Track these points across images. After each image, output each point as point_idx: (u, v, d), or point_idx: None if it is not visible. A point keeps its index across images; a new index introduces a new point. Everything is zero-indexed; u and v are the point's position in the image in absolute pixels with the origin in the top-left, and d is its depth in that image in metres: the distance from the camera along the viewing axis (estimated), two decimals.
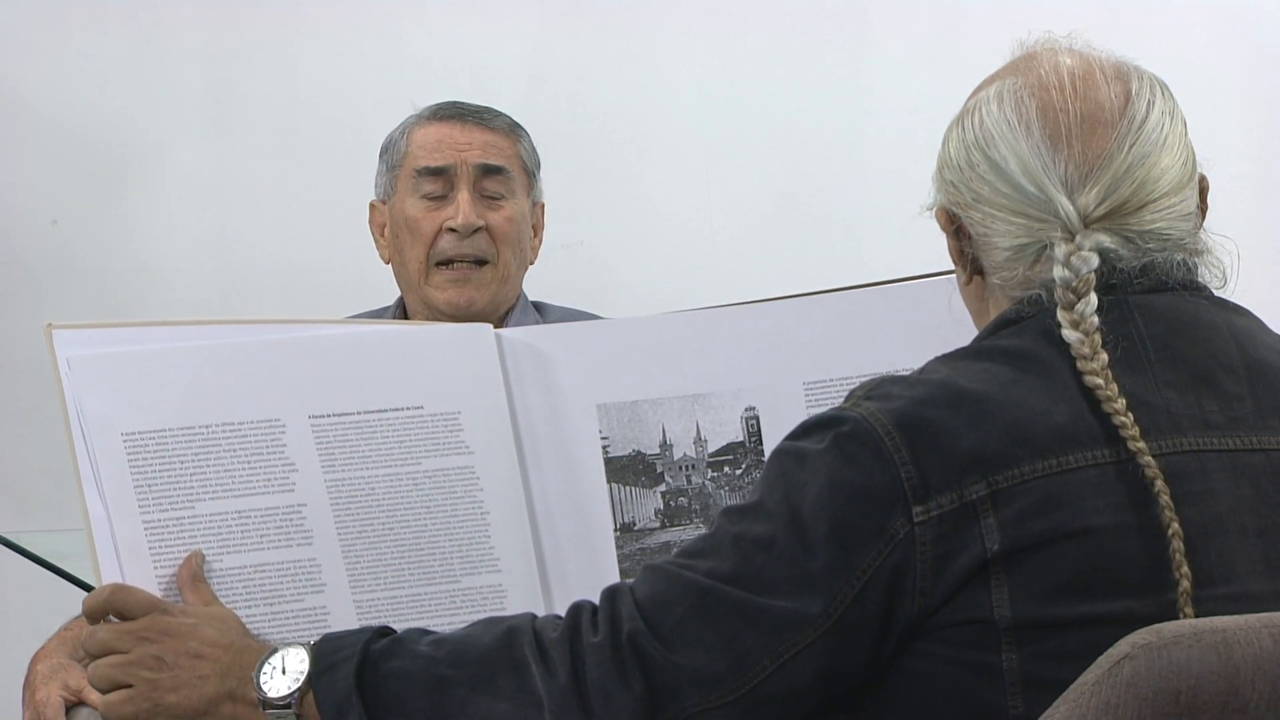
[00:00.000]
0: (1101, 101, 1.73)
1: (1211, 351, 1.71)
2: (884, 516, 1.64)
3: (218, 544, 2.07)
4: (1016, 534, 1.63)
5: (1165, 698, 1.53)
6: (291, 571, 2.09)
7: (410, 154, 2.92)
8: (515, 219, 2.92)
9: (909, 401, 1.67)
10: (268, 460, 2.10)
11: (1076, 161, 1.71)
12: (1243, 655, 1.55)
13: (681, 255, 3.98)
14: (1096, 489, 1.64)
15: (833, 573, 1.65)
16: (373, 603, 2.12)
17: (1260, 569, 1.66)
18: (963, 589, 1.64)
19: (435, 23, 3.98)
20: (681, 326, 2.26)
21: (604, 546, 2.20)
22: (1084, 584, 1.63)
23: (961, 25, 3.93)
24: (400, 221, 2.92)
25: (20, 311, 3.96)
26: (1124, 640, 1.55)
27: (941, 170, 1.79)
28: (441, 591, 2.14)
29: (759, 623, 1.66)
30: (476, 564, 2.16)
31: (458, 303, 2.89)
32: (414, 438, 2.16)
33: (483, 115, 2.94)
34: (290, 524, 2.10)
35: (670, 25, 3.97)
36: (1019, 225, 1.72)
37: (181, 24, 3.97)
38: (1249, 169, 3.81)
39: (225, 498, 2.08)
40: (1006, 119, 1.73)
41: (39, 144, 3.98)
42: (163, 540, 2.06)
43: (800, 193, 3.99)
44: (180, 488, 2.08)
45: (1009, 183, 1.72)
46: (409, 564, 2.13)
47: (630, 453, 2.21)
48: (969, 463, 1.64)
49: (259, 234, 3.99)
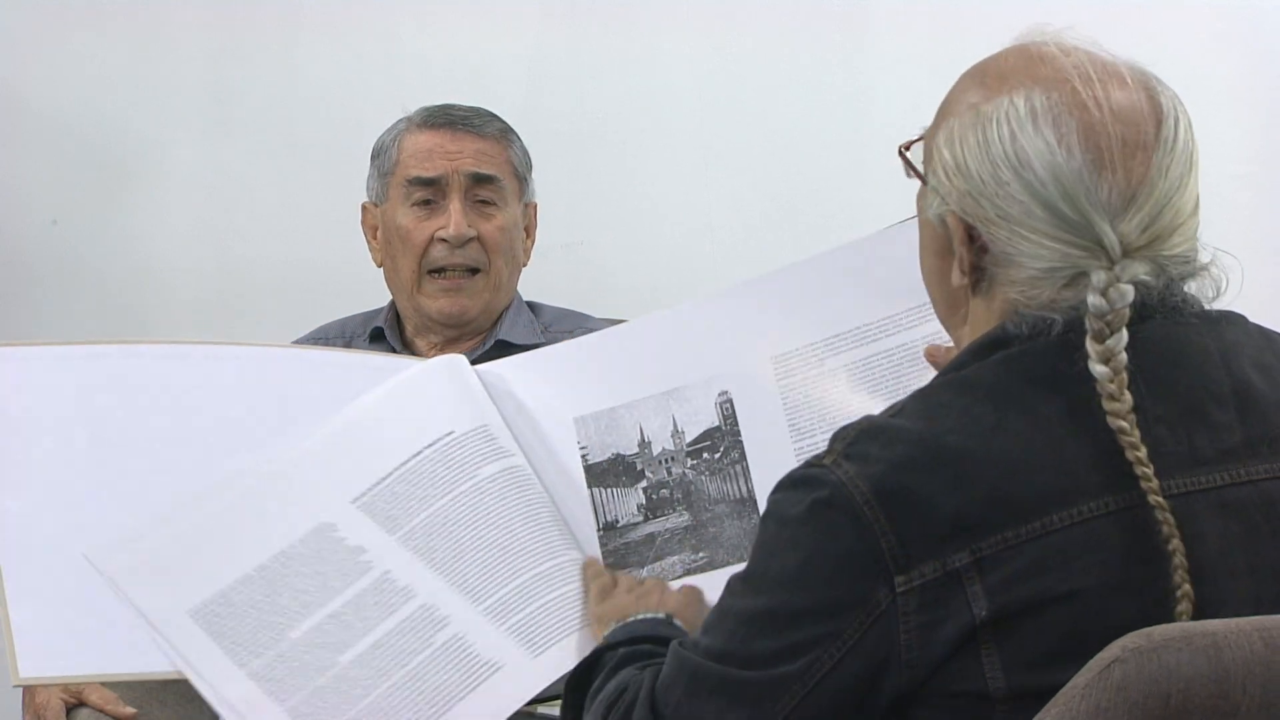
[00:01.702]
0: (1139, 122, 1.67)
1: (1201, 381, 1.67)
2: (866, 587, 1.62)
3: (329, 651, 2.09)
4: (1005, 600, 1.60)
5: (1155, 701, 1.53)
6: (409, 629, 2.11)
7: (402, 162, 2.92)
8: (507, 227, 2.92)
9: (887, 466, 1.62)
10: (334, 561, 2.13)
11: (1120, 187, 1.65)
12: (1233, 658, 1.54)
13: (681, 255, 3.98)
14: (1083, 546, 1.61)
15: (814, 642, 1.64)
16: (501, 601, 2.13)
17: (1248, 609, 1.63)
18: (952, 658, 1.62)
19: (435, 23, 3.98)
20: (645, 330, 2.30)
21: (588, 548, 2.23)
22: (1076, 647, 1.59)
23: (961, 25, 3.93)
24: (392, 229, 2.93)
25: (20, 311, 3.96)
26: (1114, 644, 1.55)
27: (949, 174, 1.71)
28: (554, 566, 2.16)
29: (742, 696, 1.66)
30: (567, 536, 2.20)
31: (450, 311, 2.90)
32: (460, 457, 2.19)
33: (473, 122, 2.94)
34: (383, 594, 2.12)
35: (670, 25, 3.97)
36: (1053, 250, 1.66)
37: (181, 24, 3.97)
38: (1249, 169, 3.80)
39: (313, 613, 2.10)
40: (1045, 140, 1.66)
41: (39, 144, 3.98)
42: (274, 679, 2.08)
43: (800, 193, 3.98)
44: (266, 630, 2.09)
45: (1046, 207, 1.65)
46: (514, 555, 2.16)
47: (610, 456, 2.24)
48: (950, 530, 1.61)
49: (259, 234, 3.99)
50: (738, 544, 2.22)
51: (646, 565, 2.22)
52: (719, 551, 2.22)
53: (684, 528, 2.22)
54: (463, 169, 2.91)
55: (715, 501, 2.23)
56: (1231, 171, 3.73)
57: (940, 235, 1.75)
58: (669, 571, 2.21)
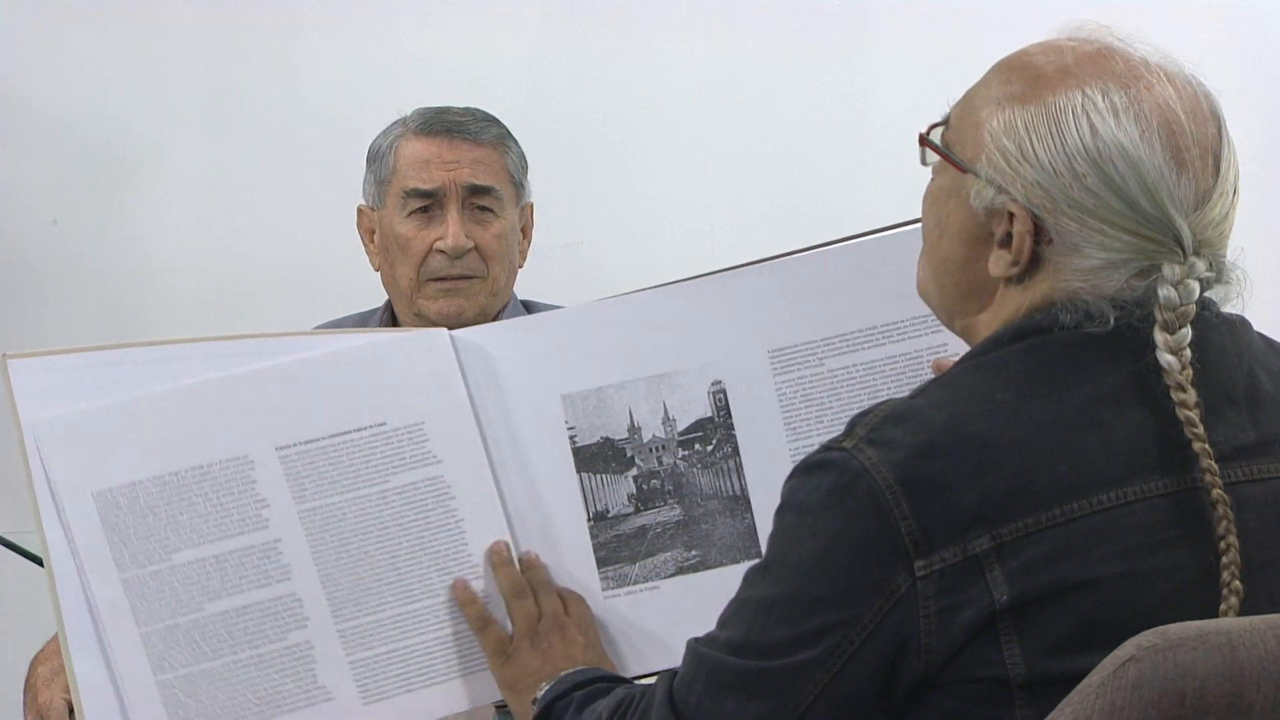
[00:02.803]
0: (1206, 124, 1.71)
1: (1219, 381, 1.69)
2: (885, 572, 1.63)
3: (198, 592, 2.08)
4: (1025, 586, 1.61)
5: (1170, 700, 1.53)
6: (273, 610, 2.10)
7: (399, 170, 2.93)
8: (504, 234, 2.93)
9: (910, 453, 1.63)
10: (239, 499, 2.10)
11: (1197, 186, 1.68)
12: (1248, 657, 1.55)
13: (681, 255, 3.97)
14: (1103, 535, 1.62)
15: (834, 629, 1.64)
16: (357, 629, 2.12)
17: (1264, 606, 1.64)
18: (970, 643, 1.62)
19: (435, 23, 3.98)
20: (639, 306, 2.22)
21: (579, 539, 2.19)
22: (1096, 635, 1.61)
23: (961, 25, 3.94)
24: (390, 237, 2.93)
25: (20, 311, 3.95)
26: (1129, 642, 1.55)
27: (1013, 164, 1.70)
28: (424, 608, 2.14)
29: (763, 688, 1.67)
30: (454, 573, 2.16)
31: (448, 312, 2.90)
32: (380, 456, 2.15)
33: (470, 129, 2.94)
34: (268, 561, 2.10)
35: (670, 25, 3.97)
36: (1126, 243, 1.67)
37: (181, 24, 3.97)
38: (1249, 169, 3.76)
39: (201, 544, 2.08)
40: (1128, 134, 1.67)
41: (39, 144, 3.97)
42: (143, 597, 2.07)
43: (800, 192, 3.99)
44: (155, 540, 2.08)
45: (1125, 201, 1.67)
46: (387, 585, 2.13)
47: (599, 440, 2.19)
48: (972, 517, 1.62)
49: (259, 234, 3.99)
50: (730, 545, 2.19)
51: (638, 561, 2.19)
52: (711, 551, 2.20)
53: (676, 522, 2.19)
54: (460, 180, 2.91)
55: (708, 497, 2.20)
56: None
57: (977, 224, 1.74)
58: (661, 569, 2.19)
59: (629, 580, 2.20)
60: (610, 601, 2.19)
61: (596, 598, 2.19)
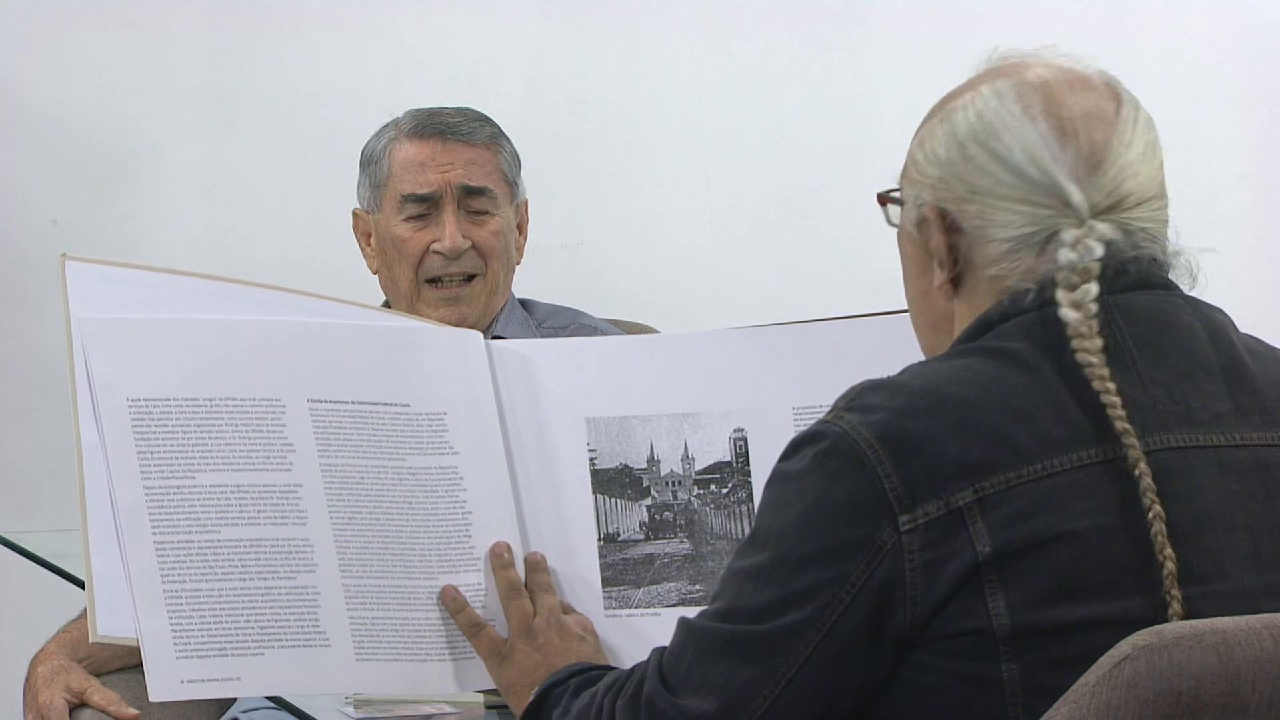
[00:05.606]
0: (1099, 102, 1.75)
1: (1190, 350, 1.72)
2: (870, 528, 1.65)
3: (216, 515, 2.11)
4: (1007, 537, 1.64)
5: (1166, 699, 1.53)
6: (286, 549, 2.12)
7: (394, 174, 2.94)
8: (501, 231, 2.94)
9: (891, 413, 1.67)
10: (267, 438, 2.13)
11: (1084, 154, 1.72)
12: (1243, 656, 1.55)
13: (681, 256, 3.98)
14: (1081, 491, 1.65)
15: (822, 587, 1.66)
16: (359, 589, 2.14)
17: (1250, 564, 1.67)
18: (955, 596, 1.64)
19: (435, 23, 3.98)
20: (673, 347, 2.29)
21: (587, 555, 2.22)
22: (1077, 587, 1.63)
23: (961, 25, 3.94)
24: (387, 240, 2.95)
25: (20, 311, 3.96)
26: (1124, 641, 1.55)
27: (921, 170, 1.77)
28: (421, 587, 2.17)
29: (754, 651, 1.68)
30: (455, 563, 2.18)
31: (449, 320, 2.90)
32: (400, 434, 2.18)
33: (463, 130, 2.94)
34: (286, 502, 2.13)
35: (670, 25, 3.98)
36: (1023, 214, 1.72)
37: (181, 24, 3.97)
38: (1249, 169, 3.80)
39: (225, 470, 2.12)
40: (1009, 110, 1.73)
41: (39, 144, 3.98)
42: (162, 508, 2.09)
43: (800, 193, 3.99)
44: (181, 457, 2.11)
45: (1013, 171, 1.72)
46: (392, 556, 2.16)
47: (617, 466, 2.23)
48: (954, 470, 1.64)
49: (258, 233, 3.99)
50: None
51: (643, 586, 2.21)
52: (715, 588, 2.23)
53: (683, 555, 2.22)
54: (455, 181, 2.92)
55: (717, 537, 2.22)
56: (1232, 171, 3.73)
57: (918, 249, 1.80)
58: (664, 597, 2.21)
59: (631, 603, 2.22)
60: (610, 621, 2.21)
61: (598, 614, 2.21)
